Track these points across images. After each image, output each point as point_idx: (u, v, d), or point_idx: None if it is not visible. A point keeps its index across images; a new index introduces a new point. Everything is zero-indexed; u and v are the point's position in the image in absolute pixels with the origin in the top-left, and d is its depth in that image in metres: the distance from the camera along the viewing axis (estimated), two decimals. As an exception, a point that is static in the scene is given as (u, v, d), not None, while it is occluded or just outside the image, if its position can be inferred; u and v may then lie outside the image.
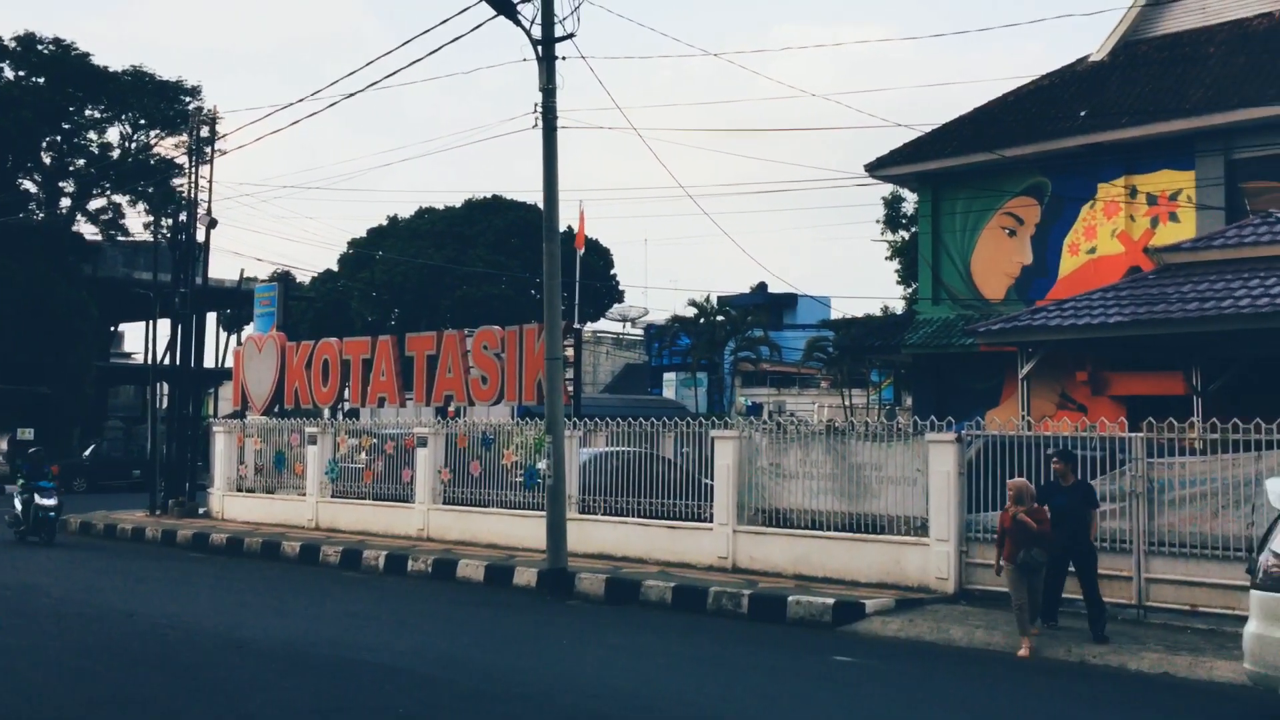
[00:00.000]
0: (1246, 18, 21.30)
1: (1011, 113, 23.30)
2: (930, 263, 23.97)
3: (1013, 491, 11.69)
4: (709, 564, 16.47)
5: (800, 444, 16.14)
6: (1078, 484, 12.11)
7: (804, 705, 9.26)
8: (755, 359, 51.11)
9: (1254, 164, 19.90)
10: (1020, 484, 11.79)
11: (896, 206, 38.24)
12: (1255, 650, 8.44)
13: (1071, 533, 11.73)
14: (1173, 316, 16.08)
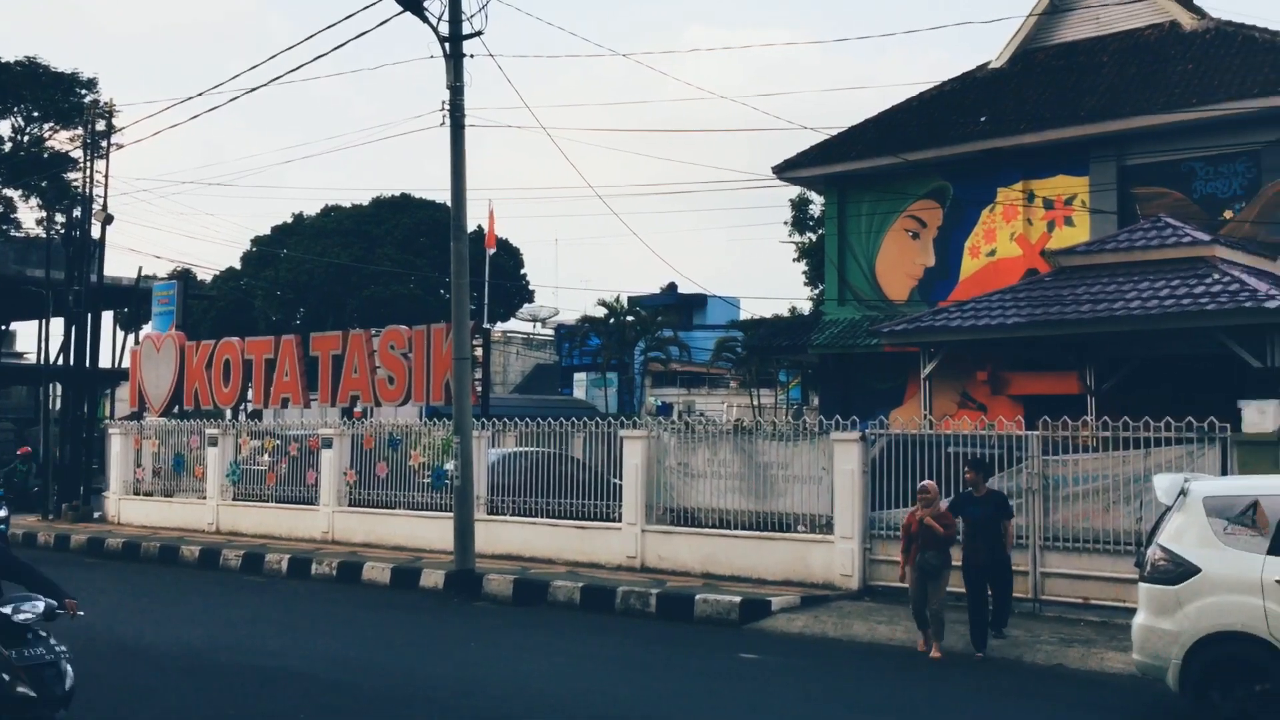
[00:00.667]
0: (1138, 28, 21.98)
1: (915, 117, 23.73)
2: (836, 264, 24.30)
3: (924, 494, 11.53)
4: (618, 564, 16.50)
5: (708, 444, 16.26)
6: (991, 494, 11.80)
7: (711, 703, 9.33)
8: (665, 359, 51.26)
9: (1144, 170, 20.55)
10: (930, 486, 11.68)
11: (804, 208, 38.70)
12: (1142, 641, 8.73)
13: (988, 546, 11.41)
14: (1067, 318, 16.53)
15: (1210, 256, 16.68)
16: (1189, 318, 15.44)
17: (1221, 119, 18.85)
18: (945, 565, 11.26)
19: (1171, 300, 15.76)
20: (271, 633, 12.35)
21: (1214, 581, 8.38)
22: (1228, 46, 20.39)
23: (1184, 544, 8.63)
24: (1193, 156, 19.89)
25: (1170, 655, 8.45)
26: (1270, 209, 18.77)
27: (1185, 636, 8.39)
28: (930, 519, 11.20)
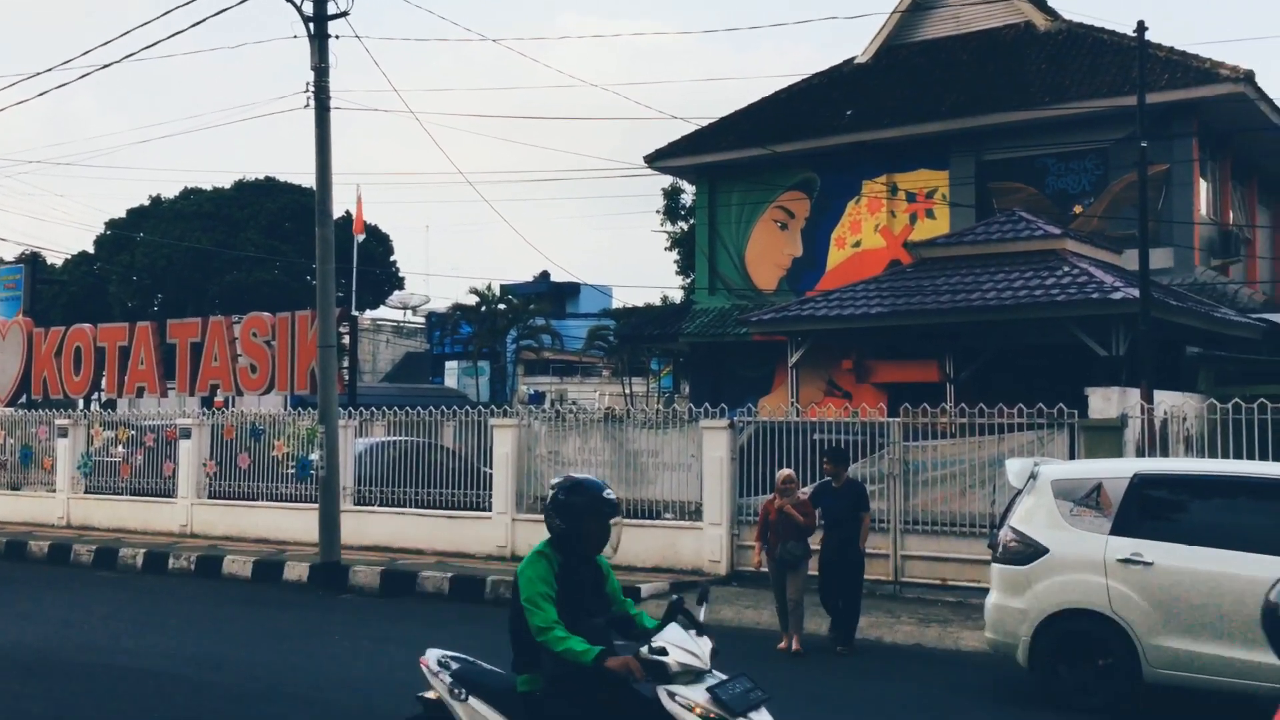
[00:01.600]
0: (995, 28, 22.74)
1: (784, 110, 24.11)
2: (707, 254, 24.56)
3: (781, 483, 10.99)
4: (488, 553, 16.39)
5: (579, 431, 16.27)
6: (849, 484, 11.22)
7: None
8: (537, 347, 51.13)
9: (1001, 165, 21.29)
10: (788, 475, 11.13)
11: (676, 198, 38.97)
12: (995, 619, 9.06)
13: (841, 539, 10.89)
14: (927, 308, 17.03)
15: (1061, 250, 17.37)
16: (1041, 309, 16.05)
17: (1072, 118, 19.62)
18: (806, 555, 10.78)
19: (1025, 292, 16.36)
20: (126, 630, 11.90)
21: (1061, 561, 8.73)
22: (1079, 48, 21.23)
23: (1034, 525, 8.97)
24: (1046, 153, 20.67)
25: (1020, 632, 8.79)
26: (1117, 205, 19.63)
27: (1034, 614, 8.73)
28: (790, 508, 10.70)
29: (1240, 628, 8.03)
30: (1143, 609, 8.34)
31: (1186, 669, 8.24)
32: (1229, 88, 18.72)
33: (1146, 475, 8.86)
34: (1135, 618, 8.36)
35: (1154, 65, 18.85)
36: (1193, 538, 8.42)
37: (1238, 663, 8.04)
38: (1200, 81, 18.94)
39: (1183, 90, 18.87)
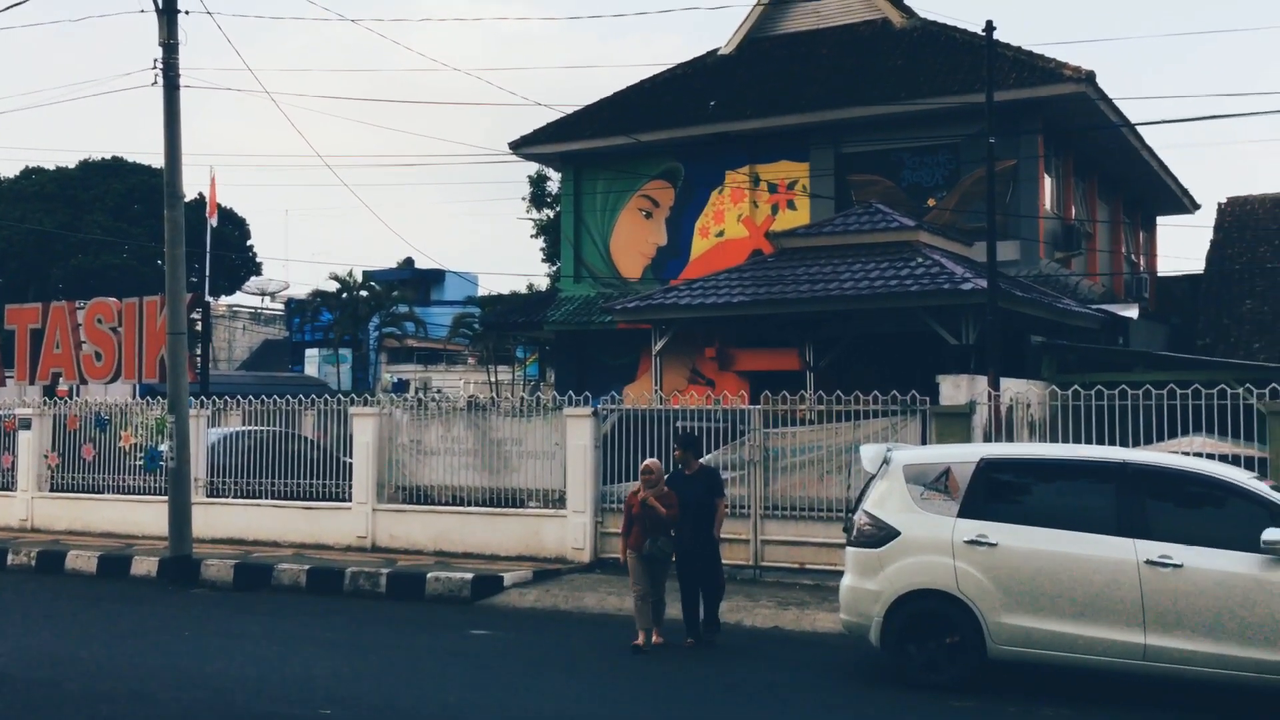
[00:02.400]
0: (853, 23, 23.23)
1: (648, 99, 24.21)
2: (572, 241, 24.53)
3: (650, 475, 10.51)
4: (348, 544, 16.10)
5: (442, 420, 16.09)
6: (702, 471, 10.93)
7: (437, 682, 9.26)
8: (401, 335, 50.31)
9: (860, 158, 21.79)
10: (653, 465, 10.68)
11: (542, 185, 38.80)
12: (848, 601, 9.30)
13: (694, 528, 10.52)
14: (788, 297, 17.35)
15: (915, 241, 17.88)
16: (895, 298, 16.50)
17: (927, 113, 20.21)
18: (672, 549, 10.40)
19: (881, 282, 16.79)
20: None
21: (912, 543, 9.01)
22: (933, 45, 21.86)
23: (886, 509, 9.23)
24: (902, 147, 21.23)
25: (873, 613, 9.04)
26: (968, 198, 20.29)
27: (886, 595, 9.00)
28: (653, 499, 10.29)
29: (1079, 604, 8.42)
30: (987, 588, 8.67)
31: (1029, 645, 8.60)
32: (1072, 87, 19.52)
33: (991, 460, 9.21)
34: (980, 597, 8.68)
35: (1002, 64, 19.53)
36: (1035, 519, 8.79)
37: (1077, 638, 8.42)
38: (1045, 81, 19.70)
39: (1029, 89, 19.60)
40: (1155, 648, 8.20)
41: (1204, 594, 8.12)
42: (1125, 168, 24.92)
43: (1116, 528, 8.48)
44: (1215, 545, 8.22)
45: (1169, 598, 8.19)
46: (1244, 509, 8.28)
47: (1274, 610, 7.93)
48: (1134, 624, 8.26)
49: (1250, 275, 23.42)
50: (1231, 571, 8.09)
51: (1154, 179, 26.15)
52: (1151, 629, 8.22)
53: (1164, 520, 8.46)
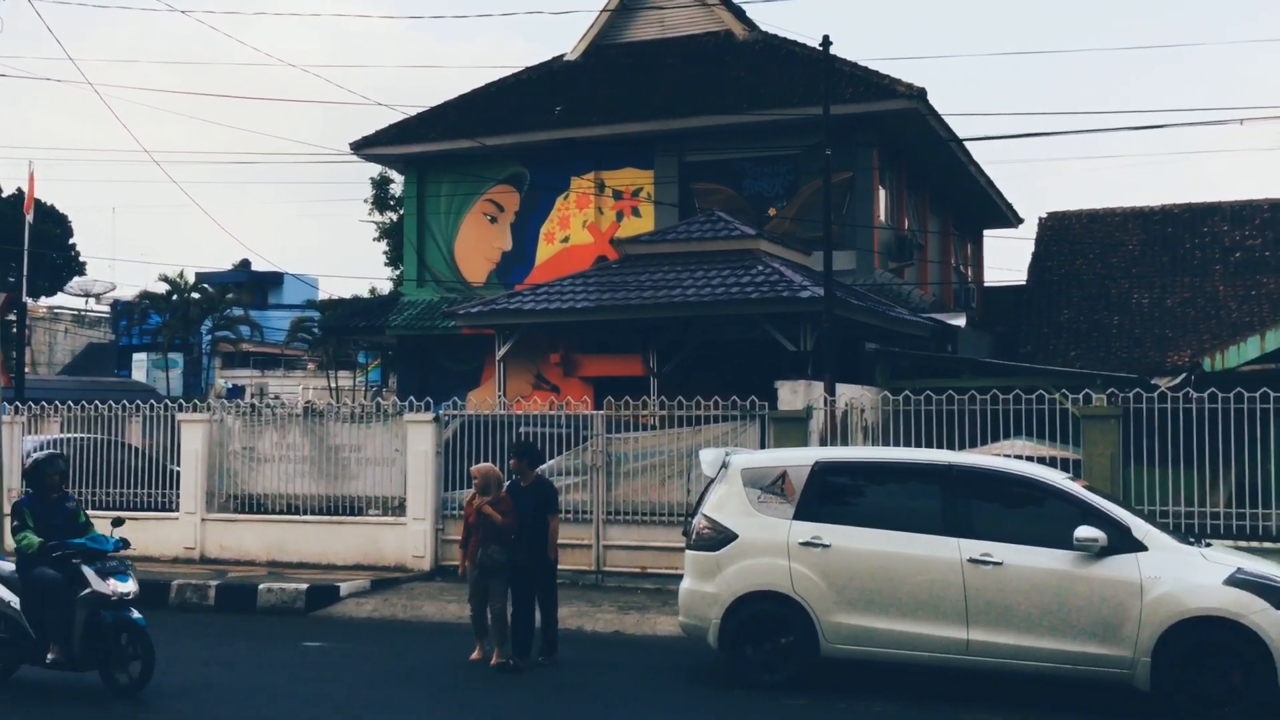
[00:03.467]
0: (697, 34, 23.56)
1: (494, 103, 24.04)
2: (415, 245, 24.17)
3: (478, 480, 10.03)
4: (175, 556, 15.51)
5: (276, 426, 15.64)
6: (538, 483, 10.30)
7: (267, 696, 8.97)
8: (235, 339, 48.66)
9: (703, 167, 22.10)
10: (485, 470, 10.15)
11: (385, 187, 38.11)
12: (687, 604, 9.41)
13: (529, 543, 9.95)
14: (631, 303, 17.46)
15: (756, 250, 18.23)
16: (736, 305, 16.79)
17: (768, 124, 20.62)
18: (509, 560, 9.86)
19: (722, 289, 17.06)
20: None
21: (749, 546, 9.17)
22: (774, 58, 22.34)
23: (725, 513, 9.37)
24: (744, 157, 21.63)
25: (711, 615, 9.17)
26: (807, 208, 20.79)
27: (724, 597, 9.13)
28: (488, 507, 9.79)
29: (908, 603, 8.70)
30: (821, 589, 8.89)
31: (860, 643, 8.85)
32: (904, 103, 20.22)
33: (825, 463, 9.45)
34: (814, 597, 8.89)
35: (840, 79, 20.09)
36: (866, 520, 9.06)
37: (905, 635, 8.71)
38: (880, 97, 20.35)
39: (864, 104, 20.22)
40: (978, 643, 8.54)
41: (1022, 590, 8.50)
42: (954, 182, 25.95)
43: (942, 527, 8.80)
44: (1033, 543, 8.61)
45: (990, 594, 8.55)
46: (1059, 508, 8.70)
47: (1086, 604, 8.34)
48: (958, 620, 8.58)
49: (1068, 287, 24.68)
50: (1047, 568, 8.49)
51: (981, 194, 27.31)
52: (974, 625, 8.56)
53: (986, 520, 8.82)
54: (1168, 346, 22.02)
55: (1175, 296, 23.47)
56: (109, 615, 8.60)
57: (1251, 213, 25.09)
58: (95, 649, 8.63)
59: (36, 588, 8.64)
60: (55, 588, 8.55)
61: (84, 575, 8.58)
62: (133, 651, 8.67)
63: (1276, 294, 22.13)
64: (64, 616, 8.56)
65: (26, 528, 8.74)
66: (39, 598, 8.63)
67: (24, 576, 8.75)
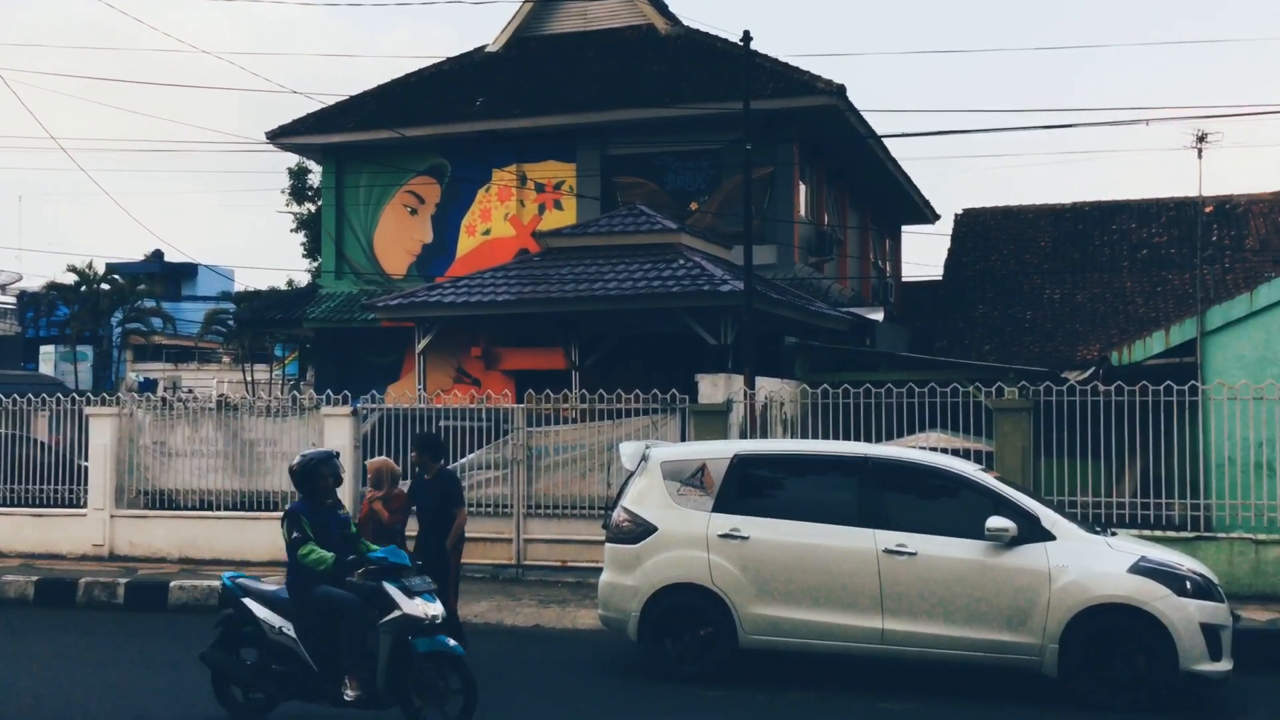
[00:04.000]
0: (619, 27, 23.53)
1: (414, 93, 23.78)
2: (334, 236, 23.83)
3: (371, 474, 9.66)
4: (83, 553, 15.12)
5: (189, 420, 15.32)
6: (441, 476, 9.85)
7: (176, 694, 8.78)
8: (147, 331, 47.58)
9: (625, 160, 22.10)
10: (379, 465, 9.72)
11: (303, 178, 37.51)
12: (607, 597, 9.42)
13: (429, 539, 9.60)
14: (553, 296, 17.41)
15: (677, 244, 18.29)
16: (658, 299, 16.82)
17: (689, 119, 20.67)
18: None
19: (644, 282, 17.09)
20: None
21: (669, 538, 9.21)
22: (695, 52, 22.41)
23: (644, 505, 9.40)
24: (666, 151, 21.67)
25: (631, 608, 9.19)
26: (728, 203, 20.92)
27: (644, 590, 9.16)
28: (378, 504, 9.39)
29: (825, 593, 8.81)
30: (740, 580, 8.96)
31: (778, 634, 8.94)
32: (824, 100, 20.42)
33: (744, 455, 9.53)
34: (733, 589, 8.96)
35: (760, 75, 20.22)
36: (785, 512, 9.15)
37: (822, 625, 8.82)
38: (800, 92, 20.52)
39: (784, 99, 20.38)
40: (892, 632, 8.68)
41: (935, 579, 8.65)
42: (873, 179, 26.29)
43: (858, 519, 8.92)
44: (946, 533, 8.77)
45: (904, 584, 8.69)
46: (972, 499, 8.87)
47: (997, 592, 8.52)
48: (873, 610, 8.71)
49: (983, 282, 25.14)
50: (959, 558, 8.65)
51: (899, 190, 27.71)
52: (889, 614, 8.69)
53: (901, 511, 8.97)
54: (1078, 341, 22.54)
55: (1085, 292, 24.03)
56: (422, 643, 7.30)
57: (1157, 211, 25.79)
58: (402, 683, 7.31)
59: (324, 611, 7.41)
60: (352, 611, 7.28)
61: (388, 596, 7.28)
62: (451, 685, 7.30)
63: (1181, 290, 22.78)
64: (363, 645, 7.29)
65: (309, 540, 7.47)
66: (326, 623, 7.39)
67: (302, 598, 7.49)
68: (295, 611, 7.50)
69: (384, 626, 7.23)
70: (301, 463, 7.90)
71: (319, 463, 7.84)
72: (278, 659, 7.57)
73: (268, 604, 7.65)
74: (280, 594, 7.65)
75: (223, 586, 8.03)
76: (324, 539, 7.53)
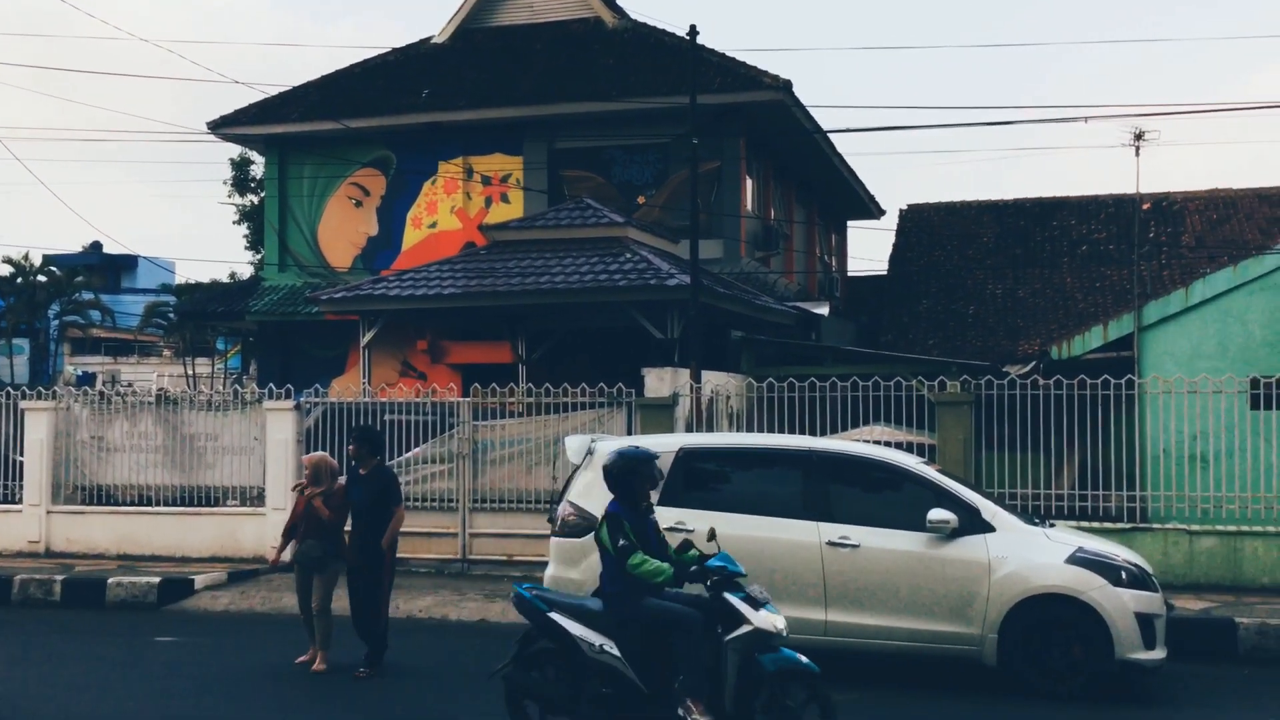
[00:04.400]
0: (566, 20, 23.46)
1: (359, 84, 23.55)
2: (277, 229, 23.54)
3: (308, 469, 9.42)
4: (18, 550, 14.86)
5: (128, 415, 15.08)
6: (377, 471, 9.42)
7: (115, 694, 8.65)
8: (85, 324, 46.72)
9: (572, 154, 22.05)
10: (317, 460, 9.49)
11: (245, 169, 36.99)
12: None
13: (363, 537, 9.23)
14: (499, 289, 17.33)
15: (624, 237, 18.28)
16: (605, 293, 16.81)
17: (637, 112, 20.67)
18: (326, 556, 9.23)
19: (590, 276, 17.06)
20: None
21: (614, 532, 9.17)
22: (643, 46, 22.41)
23: (591, 499, 9.34)
24: (613, 145, 21.65)
25: (576, 602, 9.15)
26: (676, 197, 20.95)
27: (588, 584, 9.06)
28: (318, 500, 9.15)
29: (770, 585, 8.78)
30: (684, 573, 8.95)
31: (723, 626, 8.96)
32: (770, 94, 20.50)
33: (689, 449, 9.54)
34: (678, 582, 8.96)
35: (707, 69, 20.27)
36: (730, 505, 9.17)
37: (766, 618, 8.85)
38: (746, 87, 20.58)
39: (731, 94, 20.43)
40: (835, 623, 8.75)
41: (878, 571, 8.73)
42: (820, 174, 26.45)
43: (803, 512, 8.97)
44: (889, 526, 8.85)
45: (847, 576, 8.76)
46: (914, 492, 8.95)
47: (938, 584, 8.62)
48: (817, 602, 8.78)
49: (926, 277, 25.43)
50: (901, 550, 8.73)
51: (844, 185, 27.91)
52: (832, 606, 8.76)
53: (845, 504, 9.02)
54: (1019, 335, 22.89)
55: (1026, 287, 24.39)
56: (769, 661, 6.68)
57: (1097, 208, 26.23)
58: (750, 704, 6.69)
59: (655, 627, 6.80)
60: (694, 627, 6.67)
61: (732, 609, 6.68)
62: (806, 706, 6.69)
63: (1119, 286, 23.19)
64: (704, 663, 6.65)
65: (638, 548, 6.86)
66: (652, 639, 6.79)
67: (628, 612, 6.87)
68: (614, 626, 6.85)
69: (732, 643, 6.61)
70: (620, 461, 7.18)
71: (641, 462, 7.16)
72: (604, 681, 6.84)
73: (577, 618, 6.98)
74: (586, 606, 7.04)
75: (518, 598, 7.25)
76: (644, 546, 6.93)
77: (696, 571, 6.81)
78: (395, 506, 9.33)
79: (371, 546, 9.16)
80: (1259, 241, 21.92)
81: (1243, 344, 14.10)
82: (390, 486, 9.39)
